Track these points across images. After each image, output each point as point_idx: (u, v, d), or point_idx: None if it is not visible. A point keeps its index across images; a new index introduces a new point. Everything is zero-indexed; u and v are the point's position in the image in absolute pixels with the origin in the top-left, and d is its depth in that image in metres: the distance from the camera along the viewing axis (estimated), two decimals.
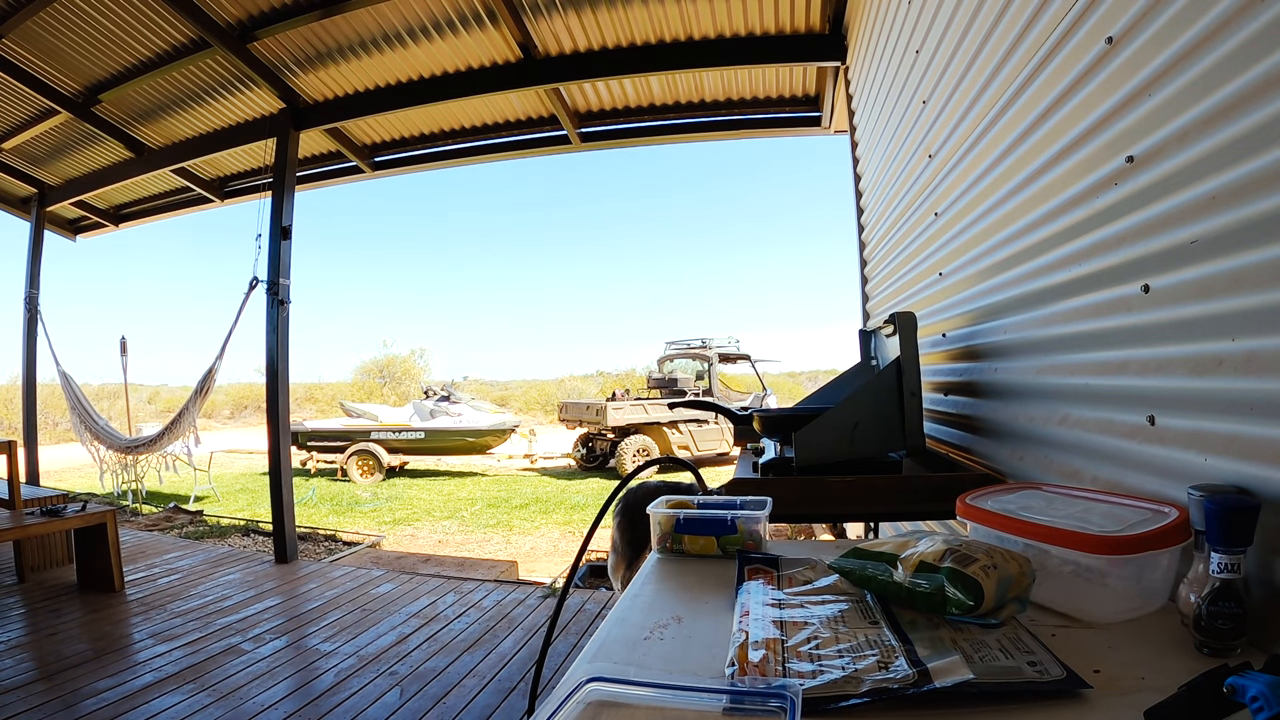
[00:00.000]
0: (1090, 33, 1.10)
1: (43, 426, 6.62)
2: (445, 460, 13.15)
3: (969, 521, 0.98)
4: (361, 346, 62.47)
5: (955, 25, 1.74)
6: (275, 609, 3.47)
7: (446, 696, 2.50)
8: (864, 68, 3.10)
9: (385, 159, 5.38)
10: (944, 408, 2.05)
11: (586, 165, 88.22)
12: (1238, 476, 0.78)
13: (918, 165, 2.20)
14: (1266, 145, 0.74)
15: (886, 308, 2.84)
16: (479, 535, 7.66)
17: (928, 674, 0.61)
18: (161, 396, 27.74)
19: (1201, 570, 0.70)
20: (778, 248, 72.22)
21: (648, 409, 11.80)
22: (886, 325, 1.78)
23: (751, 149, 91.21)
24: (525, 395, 29.19)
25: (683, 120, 4.77)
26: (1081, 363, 1.17)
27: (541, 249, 67.52)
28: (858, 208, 3.52)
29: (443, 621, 3.30)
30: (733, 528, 1.08)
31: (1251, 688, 0.46)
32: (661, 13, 3.69)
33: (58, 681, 2.58)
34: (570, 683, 0.62)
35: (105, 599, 3.61)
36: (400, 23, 3.80)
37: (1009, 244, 1.48)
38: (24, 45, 4.03)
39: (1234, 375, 0.79)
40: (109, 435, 5.64)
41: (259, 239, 4.56)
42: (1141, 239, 0.98)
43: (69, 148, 5.41)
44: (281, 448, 4.54)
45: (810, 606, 0.80)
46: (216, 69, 4.25)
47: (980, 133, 1.61)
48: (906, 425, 1.59)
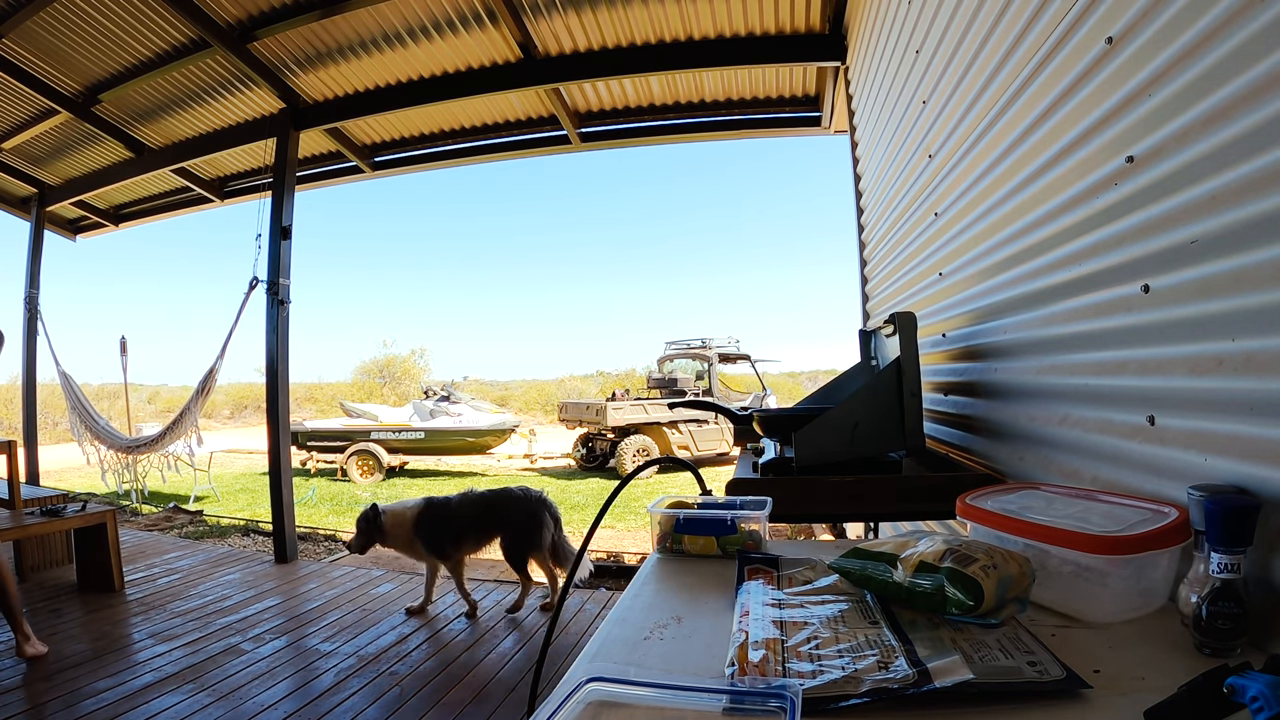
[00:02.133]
0: (1090, 33, 1.10)
1: (43, 426, 6.62)
2: (445, 460, 13.14)
3: (969, 521, 0.98)
4: (361, 346, 62.49)
5: (955, 25, 1.74)
6: (275, 609, 3.47)
7: (446, 696, 2.51)
8: (864, 68, 3.10)
9: (385, 159, 5.38)
10: (944, 408, 2.05)
11: (587, 164, 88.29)
12: (1238, 476, 0.78)
13: (918, 165, 2.20)
14: (1266, 145, 0.74)
15: (886, 308, 2.84)
16: None
17: (928, 674, 0.61)
18: (161, 396, 27.74)
19: (1201, 570, 0.70)
20: (779, 248, 72.26)
21: (648, 409, 11.80)
22: (886, 325, 1.78)
23: (757, 145, 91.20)
24: (525, 395, 29.19)
25: (683, 120, 4.77)
26: (1081, 363, 1.17)
27: (542, 248, 67.60)
28: (858, 208, 3.52)
29: (443, 621, 3.30)
30: (733, 528, 1.08)
31: (1251, 688, 0.46)
32: (661, 13, 3.69)
33: (57, 681, 2.58)
34: (570, 683, 0.62)
35: (105, 599, 3.61)
36: (400, 23, 3.80)
37: (1009, 244, 1.48)
38: (24, 45, 4.03)
39: (1234, 375, 0.79)
40: (109, 435, 5.64)
41: (259, 239, 4.56)
42: (1141, 239, 0.98)
43: (69, 148, 5.41)
44: (281, 448, 4.54)
45: (810, 606, 0.80)
46: (216, 69, 4.25)
47: (980, 133, 1.61)
48: (906, 425, 1.59)
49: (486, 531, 3.30)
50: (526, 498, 3.30)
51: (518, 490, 3.35)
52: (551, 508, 3.34)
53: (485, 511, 3.29)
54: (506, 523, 3.28)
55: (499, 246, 66.41)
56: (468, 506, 3.30)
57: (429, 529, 3.22)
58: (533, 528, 3.23)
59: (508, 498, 3.31)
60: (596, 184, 74.56)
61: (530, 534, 3.23)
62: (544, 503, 3.31)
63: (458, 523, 3.25)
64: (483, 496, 3.35)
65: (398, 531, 3.23)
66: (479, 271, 63.58)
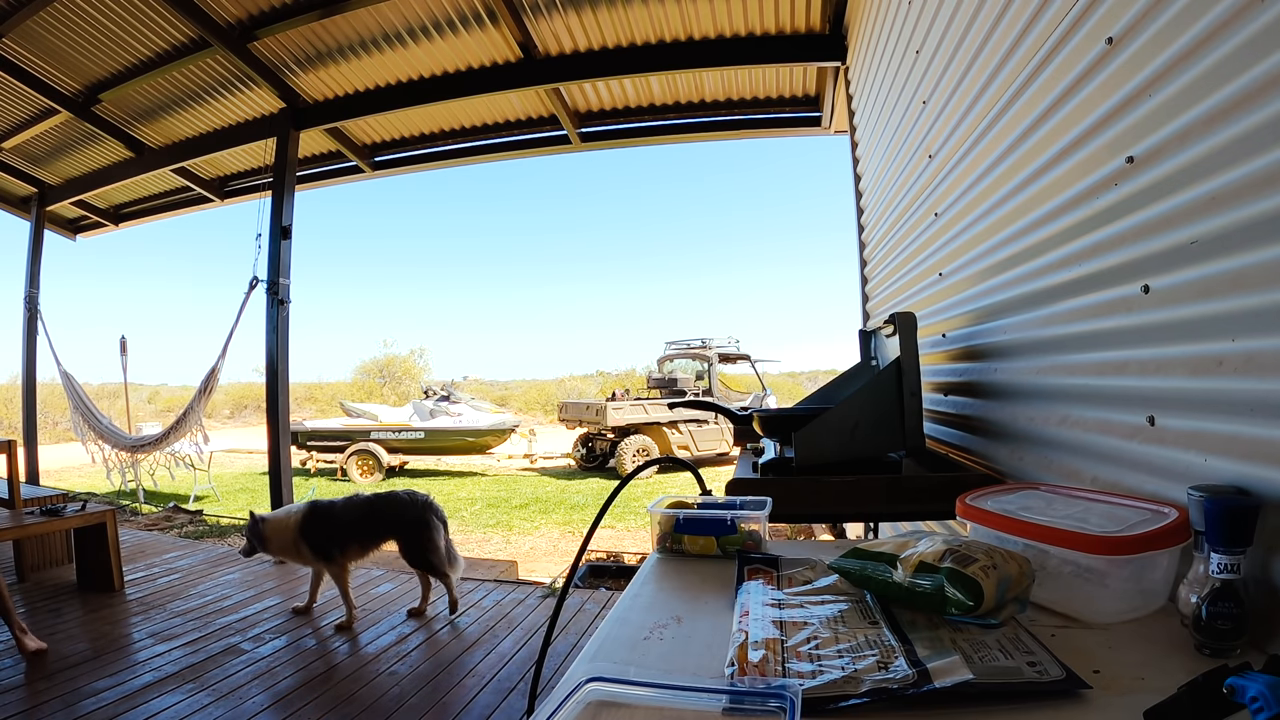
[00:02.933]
0: (1090, 33, 1.10)
1: (43, 426, 6.62)
2: (445, 460, 13.15)
3: (969, 521, 0.98)
4: (361, 346, 62.47)
5: (955, 25, 1.74)
6: (275, 609, 3.47)
7: (446, 696, 2.50)
8: (864, 68, 3.10)
9: (385, 159, 5.38)
10: (944, 408, 2.05)
11: (587, 164, 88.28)
12: (1237, 477, 0.78)
13: (918, 165, 2.20)
14: (1266, 145, 0.73)
15: (886, 308, 2.84)
16: (479, 535, 7.67)
17: (927, 674, 0.61)
18: (161, 396, 27.75)
19: (1201, 570, 0.70)
20: (779, 248, 72.27)
21: (648, 409, 11.81)
22: (886, 325, 1.78)
23: (757, 145, 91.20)
24: (525, 395, 29.20)
25: (683, 120, 4.77)
26: (1081, 363, 1.17)
27: (542, 248, 67.59)
28: (858, 208, 3.52)
29: (442, 621, 3.30)
30: (732, 528, 1.08)
31: (1251, 688, 0.46)
32: (661, 13, 3.69)
33: (57, 681, 2.58)
34: (570, 683, 0.62)
35: (105, 599, 3.61)
36: (400, 22, 3.81)
37: (1009, 244, 1.48)
38: (24, 45, 4.03)
39: (1234, 375, 0.79)
40: (113, 434, 5.64)
41: (259, 239, 4.56)
42: (1141, 239, 0.98)
43: (69, 147, 5.41)
44: (281, 447, 4.54)
45: (810, 606, 0.80)
46: (216, 69, 4.25)
47: (980, 133, 1.61)
48: (906, 425, 1.59)
49: (373, 536, 3.28)
50: (413, 502, 3.28)
51: (404, 494, 3.32)
52: (438, 511, 3.32)
53: (370, 516, 3.27)
54: (394, 527, 3.26)
55: (499, 246, 66.43)
56: (352, 510, 3.27)
57: (314, 533, 3.20)
58: (423, 531, 3.22)
59: (393, 501, 3.29)
60: (597, 184, 74.62)
61: (423, 538, 3.22)
62: (430, 507, 3.30)
63: (342, 527, 3.22)
64: (368, 500, 3.33)
65: (280, 538, 3.22)
66: (479, 271, 63.61)
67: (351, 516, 3.25)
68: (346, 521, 3.24)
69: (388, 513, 3.27)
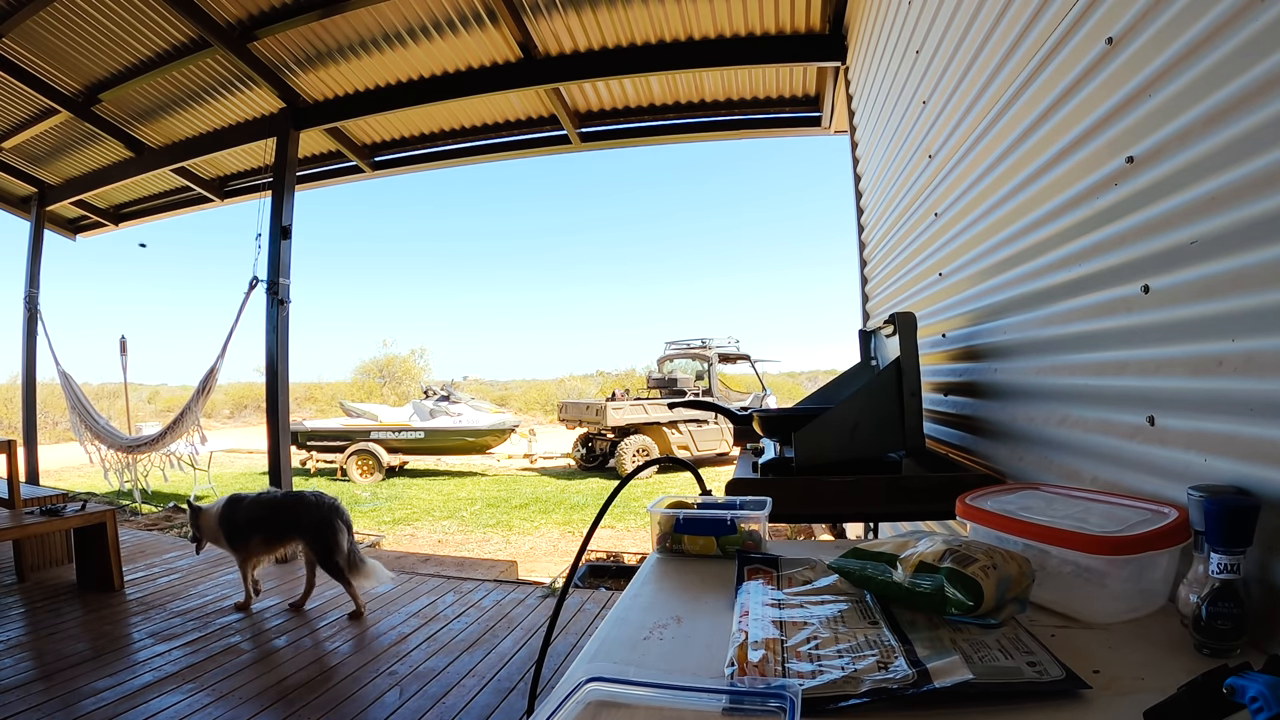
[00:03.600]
0: (1090, 33, 1.10)
1: (43, 426, 6.62)
2: (445, 460, 13.15)
3: (969, 521, 0.98)
4: (361, 346, 62.44)
5: (955, 26, 1.74)
6: (275, 609, 3.47)
7: (446, 696, 2.50)
8: (864, 68, 3.10)
9: (385, 159, 5.38)
10: (944, 408, 2.05)
11: (588, 164, 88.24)
12: (1237, 477, 0.78)
13: (918, 165, 2.20)
14: (1266, 145, 0.74)
15: (886, 308, 2.84)
16: (478, 535, 7.66)
17: (927, 674, 0.61)
18: (161, 396, 27.74)
19: (1201, 570, 0.70)
20: (779, 248, 72.26)
21: (647, 409, 11.81)
22: (886, 325, 1.78)
23: (757, 145, 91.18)
24: (525, 395, 29.19)
25: (683, 120, 4.77)
26: (1081, 363, 1.17)
27: (542, 248, 67.57)
28: (858, 208, 3.52)
29: (442, 621, 3.30)
30: (732, 528, 1.08)
31: (1251, 688, 0.46)
32: (661, 13, 3.69)
33: (57, 681, 2.58)
34: (570, 683, 0.62)
35: (105, 598, 3.61)
36: (400, 22, 3.81)
37: (1009, 244, 1.48)
38: (24, 45, 4.03)
39: (1234, 376, 0.79)
40: (110, 435, 5.63)
41: (259, 238, 4.56)
42: (1141, 239, 0.98)
43: (69, 147, 5.41)
44: (281, 447, 4.54)
45: (810, 607, 0.80)
46: (216, 69, 4.25)
47: (980, 133, 1.61)
48: (906, 425, 1.59)
49: (278, 534, 3.33)
50: (318, 504, 3.30)
51: (310, 495, 3.35)
52: (343, 514, 3.34)
53: (274, 514, 3.32)
54: (298, 528, 3.29)
55: (499, 246, 66.45)
56: (259, 507, 3.34)
57: (229, 523, 3.31)
58: (328, 533, 3.24)
59: (299, 502, 3.32)
60: (598, 186, 74.59)
61: (327, 540, 3.24)
62: (336, 509, 3.32)
63: (248, 519, 3.31)
64: (275, 499, 3.37)
65: (208, 526, 3.36)
66: (479, 271, 63.61)
67: (260, 513, 3.33)
68: (255, 517, 3.32)
69: (294, 512, 3.31)
